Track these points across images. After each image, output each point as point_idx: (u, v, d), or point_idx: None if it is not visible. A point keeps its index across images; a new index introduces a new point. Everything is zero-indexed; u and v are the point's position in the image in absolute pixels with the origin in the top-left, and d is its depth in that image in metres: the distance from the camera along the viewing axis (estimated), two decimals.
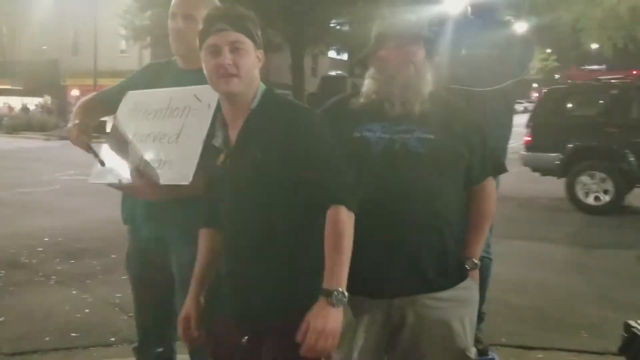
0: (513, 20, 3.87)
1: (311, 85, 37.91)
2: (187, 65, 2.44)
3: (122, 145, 2.35)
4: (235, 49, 1.80)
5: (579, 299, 4.98)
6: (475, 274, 2.11)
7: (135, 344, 2.65)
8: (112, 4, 27.32)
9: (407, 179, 1.93)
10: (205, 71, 1.87)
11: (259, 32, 1.90)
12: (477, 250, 2.12)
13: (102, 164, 2.32)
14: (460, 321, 2.02)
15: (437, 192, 1.97)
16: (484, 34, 3.22)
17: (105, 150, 2.41)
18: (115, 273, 5.54)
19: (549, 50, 66.85)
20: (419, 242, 1.95)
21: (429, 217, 1.95)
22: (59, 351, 3.90)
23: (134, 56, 32.92)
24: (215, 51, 1.81)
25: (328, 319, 1.69)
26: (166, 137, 2.27)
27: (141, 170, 2.19)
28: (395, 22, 2.06)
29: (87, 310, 4.60)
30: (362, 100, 2.04)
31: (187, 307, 1.98)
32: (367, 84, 2.05)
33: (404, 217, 1.93)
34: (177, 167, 2.13)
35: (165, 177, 2.15)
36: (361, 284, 1.87)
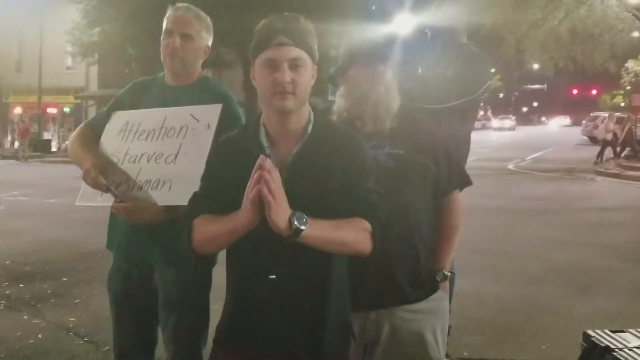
0: (470, 42, 3.98)
1: None
2: (176, 82, 2.43)
3: (110, 165, 2.30)
4: (294, 66, 1.71)
5: (536, 310, 5.09)
6: (446, 285, 2.17)
7: None
8: (58, 21, 26.72)
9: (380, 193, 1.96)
10: (257, 84, 1.77)
11: (316, 45, 1.81)
12: (447, 262, 2.18)
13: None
14: (432, 332, 2.08)
15: (409, 206, 2.03)
16: (442, 55, 3.30)
17: None
18: (67, 296, 5.37)
19: (493, 70, 68.95)
20: (392, 255, 1.99)
21: (402, 229, 2.00)
22: None
23: (80, 73, 32.26)
24: (273, 66, 1.71)
25: None
26: (162, 157, 2.24)
27: (134, 191, 2.16)
28: (366, 42, 2.14)
29: (40, 336, 4.41)
30: (334, 117, 2.07)
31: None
32: (339, 102, 2.09)
33: None
34: (178, 188, 2.10)
35: (165, 198, 2.13)
36: None
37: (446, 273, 2.16)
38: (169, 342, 2.41)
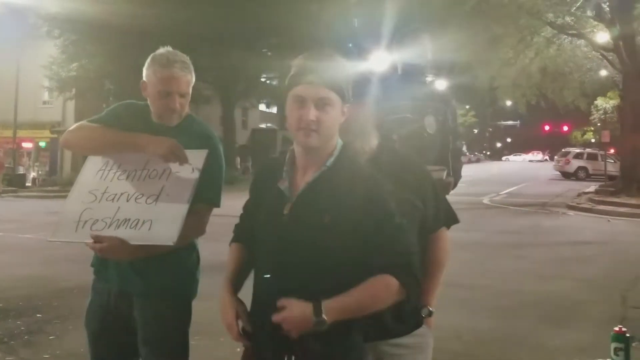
0: (433, 79, 4.11)
1: (242, 137, 38.02)
2: (162, 121, 2.45)
3: (88, 203, 2.31)
4: (321, 105, 1.77)
5: (511, 343, 5.17)
6: (430, 321, 2.19)
7: None
8: (35, 55, 26.70)
9: None
10: (287, 117, 1.85)
11: (348, 81, 1.86)
12: (432, 298, 2.19)
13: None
14: None
15: None
16: (407, 89, 3.43)
17: (69, 207, 2.35)
18: (41, 333, 5.29)
19: (467, 107, 70.28)
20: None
21: None
22: None
23: (57, 107, 32.04)
24: (301, 102, 1.77)
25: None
26: (143, 197, 2.25)
27: (111, 229, 2.18)
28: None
29: None
30: None
31: (230, 305, 1.85)
32: None
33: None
34: (159, 228, 2.12)
35: (144, 237, 2.14)
36: None
37: (431, 309, 2.16)
38: None
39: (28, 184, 28.92)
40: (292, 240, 1.78)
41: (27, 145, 34.72)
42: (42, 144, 35.12)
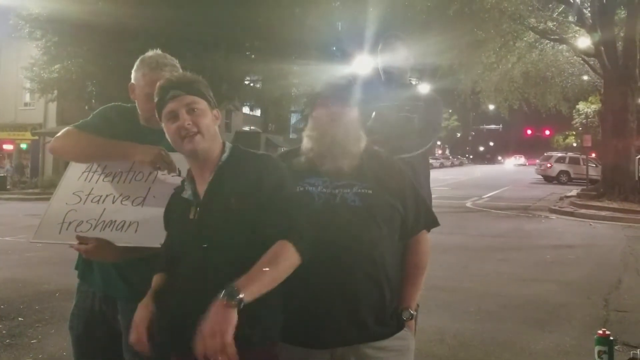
0: (416, 82, 4.16)
1: (225, 140, 37.86)
2: (148, 124, 2.44)
3: (72, 204, 2.30)
4: (191, 110, 1.92)
5: (495, 346, 5.19)
6: (411, 324, 2.20)
7: None
8: (16, 57, 26.43)
9: (347, 231, 2.02)
10: (168, 137, 1.95)
11: (211, 93, 2.03)
12: (413, 301, 2.21)
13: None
14: None
15: (375, 244, 2.06)
16: (391, 94, 3.47)
17: (53, 208, 2.34)
18: (23, 336, 5.23)
19: (450, 111, 70.77)
20: (358, 292, 2.02)
21: (368, 268, 2.04)
22: None
23: (39, 109, 31.75)
24: (174, 116, 1.92)
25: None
26: (129, 199, 2.25)
27: (96, 230, 2.17)
28: (326, 85, 2.22)
29: None
30: (302, 155, 2.15)
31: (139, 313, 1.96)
32: (304, 141, 2.17)
33: (344, 268, 2.00)
34: (146, 229, 2.13)
35: (131, 239, 2.14)
36: (302, 334, 1.93)
37: (412, 312, 2.18)
38: None
39: (9, 186, 28.55)
40: (203, 240, 1.87)
41: (7, 147, 34.34)
42: (24, 145, 34.75)
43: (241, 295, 1.68)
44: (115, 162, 2.38)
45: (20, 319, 5.77)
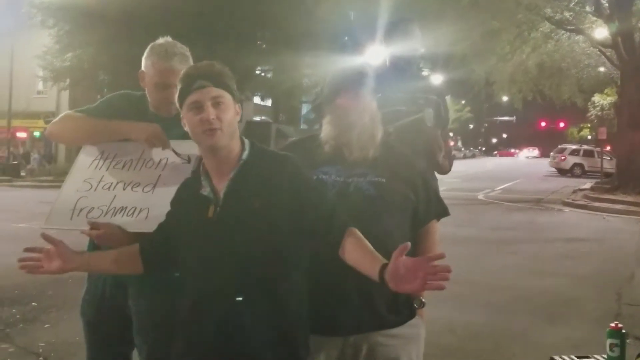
0: (428, 73, 4.08)
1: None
2: (159, 112, 2.45)
3: (83, 191, 2.31)
4: (217, 103, 1.85)
5: (505, 338, 5.19)
6: (422, 312, 2.22)
7: None
8: (30, 45, 26.53)
9: (361, 220, 2.01)
10: (188, 127, 1.90)
11: (235, 86, 1.96)
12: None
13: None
14: (408, 358, 2.12)
15: (388, 232, 2.07)
16: (400, 84, 3.40)
17: (64, 195, 2.35)
18: (36, 321, 5.30)
19: (463, 102, 70.33)
20: (372, 281, 2.02)
21: (382, 255, 2.03)
22: None
23: (51, 97, 31.96)
24: (198, 107, 1.85)
25: None
26: (140, 186, 2.27)
27: (107, 216, 2.19)
28: (354, 73, 2.19)
29: None
30: (320, 144, 2.14)
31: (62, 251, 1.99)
32: (325, 130, 2.15)
33: None
34: (156, 216, 2.13)
35: (141, 225, 2.15)
36: (316, 322, 1.94)
37: (423, 300, 2.20)
38: None
39: (23, 173, 28.83)
40: (223, 240, 1.84)
41: (21, 135, 34.62)
42: (37, 133, 35.02)
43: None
44: (126, 149, 2.39)
45: (34, 304, 5.84)
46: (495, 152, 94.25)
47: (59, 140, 2.62)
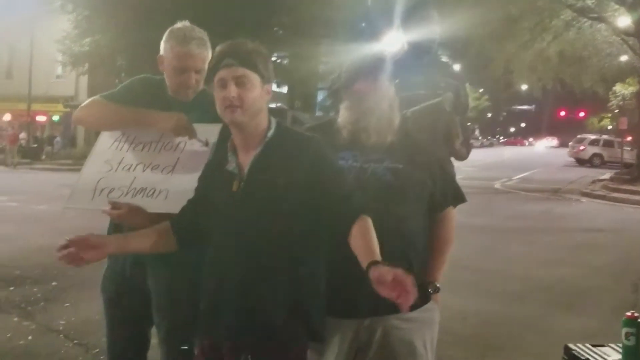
0: (450, 61, 4.03)
1: None
2: (178, 96, 2.47)
3: (104, 172, 2.35)
4: (240, 82, 1.91)
5: (518, 326, 5.19)
6: (437, 297, 2.25)
7: None
8: (49, 30, 26.74)
9: (377, 205, 2.03)
10: (216, 102, 1.97)
11: (269, 66, 2.00)
12: (439, 275, 2.26)
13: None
14: (422, 341, 2.16)
15: (404, 218, 2.09)
16: (419, 69, 3.38)
17: (85, 175, 2.40)
18: (57, 300, 5.41)
19: (481, 90, 69.65)
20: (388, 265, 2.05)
21: (397, 241, 2.07)
22: None
23: (70, 82, 32.21)
24: (223, 85, 1.92)
25: None
26: (159, 167, 2.31)
27: (127, 197, 2.23)
28: (373, 58, 2.23)
29: (29, 337, 4.46)
30: (337, 130, 2.16)
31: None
32: (343, 115, 2.17)
33: None
34: (175, 197, 2.17)
35: (161, 206, 2.19)
36: (333, 305, 1.97)
37: (438, 285, 2.23)
38: (163, 343, 2.47)
39: (43, 156, 29.18)
40: (245, 214, 1.91)
41: (40, 118, 35.00)
42: (56, 117, 35.37)
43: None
44: (145, 132, 2.42)
45: (54, 283, 5.94)
46: (501, 138, 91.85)
47: (85, 125, 2.68)
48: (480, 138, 73.23)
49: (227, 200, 1.97)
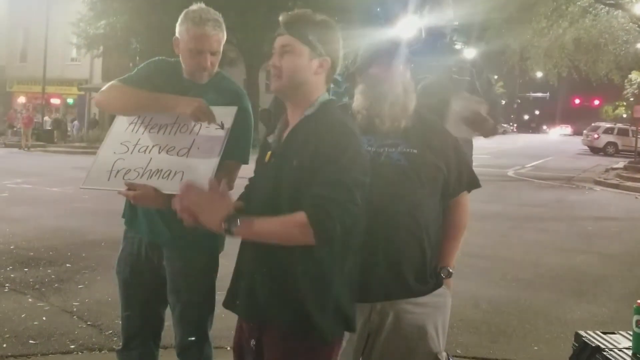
0: (463, 47, 4.00)
1: (264, 101, 37.99)
2: (194, 78, 2.49)
3: (120, 153, 2.38)
4: (284, 52, 1.89)
5: (530, 313, 5.18)
6: (449, 282, 2.25)
7: (119, 347, 2.67)
8: (64, 12, 26.79)
9: (392, 190, 2.04)
10: None
11: (329, 40, 1.93)
12: (452, 260, 2.25)
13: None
14: (434, 326, 2.16)
15: (418, 203, 2.09)
16: (434, 54, 3.36)
17: (102, 157, 2.42)
18: (70, 282, 5.46)
19: (496, 77, 69.02)
20: (401, 250, 2.07)
21: (411, 226, 2.08)
22: (18, 358, 3.82)
23: (85, 64, 32.31)
24: (274, 53, 1.93)
25: None
26: (175, 149, 2.32)
27: (143, 178, 2.25)
28: (388, 42, 2.23)
29: (44, 318, 4.51)
30: (351, 114, 2.15)
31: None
32: (357, 100, 2.16)
33: (387, 226, 2.05)
34: (191, 179, 2.16)
35: (176, 187, 2.18)
36: None
37: (450, 270, 2.23)
38: (177, 324, 2.51)
39: (56, 139, 29.36)
40: (268, 185, 1.91)
41: (55, 101, 35.20)
42: (70, 100, 35.56)
43: (233, 229, 1.78)
44: (161, 114, 2.43)
45: (68, 265, 6.01)
46: (544, 126, 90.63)
47: (105, 108, 2.70)
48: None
49: (259, 169, 2.02)
